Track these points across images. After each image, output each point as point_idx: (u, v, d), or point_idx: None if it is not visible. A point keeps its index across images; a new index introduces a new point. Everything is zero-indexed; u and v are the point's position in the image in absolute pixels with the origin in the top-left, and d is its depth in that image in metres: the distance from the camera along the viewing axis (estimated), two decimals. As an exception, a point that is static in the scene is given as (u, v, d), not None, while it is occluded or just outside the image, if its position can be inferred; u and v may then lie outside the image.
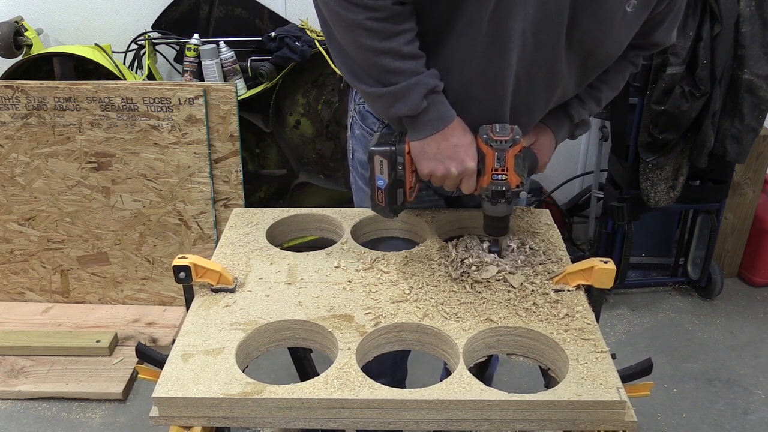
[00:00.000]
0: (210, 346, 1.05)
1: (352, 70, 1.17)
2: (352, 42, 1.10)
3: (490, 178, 1.16)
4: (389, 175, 1.20)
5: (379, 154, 1.19)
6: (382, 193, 1.22)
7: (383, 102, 1.14)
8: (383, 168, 1.20)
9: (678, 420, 2.15)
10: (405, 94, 1.11)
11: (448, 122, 1.15)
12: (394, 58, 1.09)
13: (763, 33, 2.13)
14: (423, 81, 1.11)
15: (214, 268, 1.17)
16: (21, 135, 2.34)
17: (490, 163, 1.16)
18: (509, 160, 1.15)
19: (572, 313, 1.13)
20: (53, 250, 2.50)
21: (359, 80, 1.16)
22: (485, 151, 1.16)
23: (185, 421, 0.98)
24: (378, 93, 1.13)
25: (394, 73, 1.10)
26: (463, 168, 1.17)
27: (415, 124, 1.16)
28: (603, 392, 0.96)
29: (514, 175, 1.16)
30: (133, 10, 2.65)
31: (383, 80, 1.12)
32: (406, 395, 0.96)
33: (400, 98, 1.12)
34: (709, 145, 2.25)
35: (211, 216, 2.42)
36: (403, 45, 1.09)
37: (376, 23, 1.05)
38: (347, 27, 1.08)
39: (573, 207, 3.10)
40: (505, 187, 1.16)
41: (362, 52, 1.10)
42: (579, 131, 1.37)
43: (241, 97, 2.44)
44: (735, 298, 2.80)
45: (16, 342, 2.32)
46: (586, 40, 1.15)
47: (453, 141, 1.16)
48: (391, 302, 1.16)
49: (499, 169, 1.15)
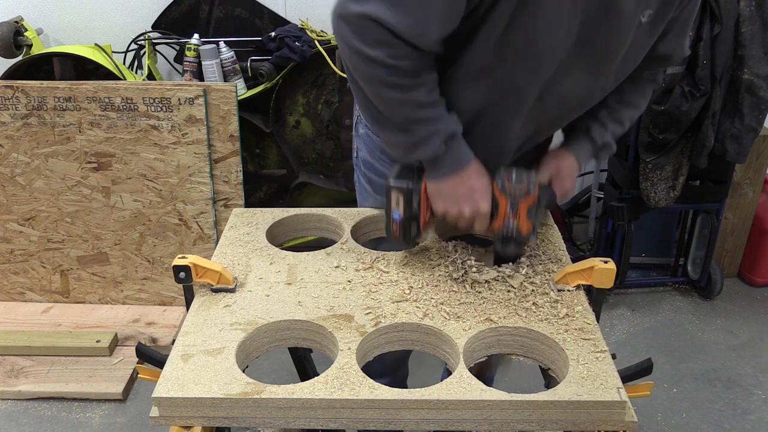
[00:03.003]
0: (210, 346, 1.05)
1: (375, 117, 1.20)
2: (373, 94, 1.13)
3: (502, 222, 1.19)
4: (405, 211, 1.22)
5: (396, 189, 1.21)
6: (397, 225, 1.24)
7: (403, 148, 1.17)
8: (399, 203, 1.22)
9: (678, 420, 2.15)
10: (425, 140, 1.13)
11: (465, 165, 1.17)
12: (414, 108, 1.11)
13: (763, 33, 2.13)
14: (443, 128, 1.13)
15: (214, 268, 1.17)
16: (21, 135, 2.34)
17: (503, 210, 1.18)
18: (522, 209, 1.17)
19: (572, 313, 1.13)
20: (53, 250, 2.50)
21: (382, 127, 1.20)
22: (498, 198, 1.18)
23: (185, 421, 0.98)
24: (400, 141, 1.17)
25: (416, 121, 1.13)
26: (477, 210, 1.19)
27: (432, 166, 1.18)
28: (603, 392, 0.96)
29: (526, 222, 1.17)
30: (133, 10, 2.65)
31: (405, 128, 1.14)
32: (406, 395, 0.96)
33: (420, 145, 1.14)
34: (709, 145, 2.25)
35: (211, 216, 2.42)
36: (423, 96, 1.11)
37: (396, 78, 1.07)
38: (368, 80, 1.11)
39: (573, 207, 3.10)
40: (516, 233, 1.18)
41: (384, 102, 1.13)
42: (603, 153, 1.35)
43: (241, 97, 2.44)
44: (735, 298, 2.80)
45: (16, 342, 2.32)
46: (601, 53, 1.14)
47: (469, 184, 1.18)
48: (391, 302, 1.16)
49: (512, 216, 1.17)
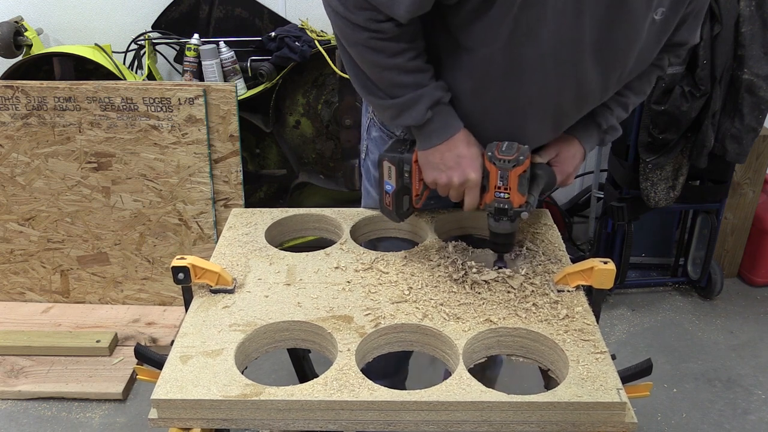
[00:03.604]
0: (209, 348, 1.05)
1: (362, 82, 1.21)
2: (359, 57, 1.15)
3: (493, 195, 1.18)
4: (397, 182, 1.24)
5: (387, 159, 1.23)
6: (390, 197, 1.26)
7: (390, 113, 1.19)
8: (391, 174, 1.23)
9: (678, 420, 2.15)
10: (410, 105, 1.15)
11: (453, 133, 1.18)
12: (398, 72, 1.13)
13: (763, 33, 2.13)
14: (428, 93, 1.15)
15: (213, 268, 1.17)
16: (21, 135, 2.34)
17: (494, 181, 1.17)
18: (512, 180, 1.16)
19: (572, 314, 1.13)
20: (53, 250, 2.50)
21: (370, 92, 1.21)
22: (489, 169, 1.17)
23: (184, 422, 0.98)
24: (385, 104, 1.18)
25: (400, 86, 1.15)
26: (465, 179, 1.19)
27: (421, 134, 1.19)
28: (603, 393, 0.96)
29: (517, 194, 1.17)
30: (133, 10, 2.65)
31: (390, 92, 1.17)
32: (406, 397, 0.96)
33: (405, 109, 1.16)
34: (709, 145, 2.25)
35: (211, 216, 2.42)
36: (408, 61, 1.13)
37: (380, 42, 1.10)
38: (354, 45, 1.13)
39: (573, 207, 3.10)
40: (508, 205, 1.17)
41: (369, 66, 1.15)
42: (609, 137, 1.34)
43: (241, 97, 2.43)
44: (735, 298, 2.79)
45: (16, 342, 2.32)
46: (614, 53, 1.13)
47: (457, 152, 1.18)
48: (391, 303, 1.16)
49: (502, 188, 1.16)
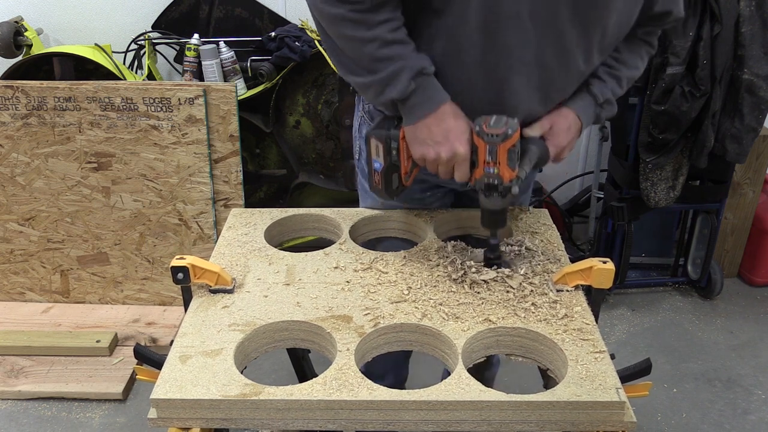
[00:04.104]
0: (208, 348, 1.05)
1: (344, 64, 1.19)
2: (338, 34, 1.13)
3: (483, 170, 1.14)
4: (385, 159, 1.21)
5: (375, 137, 1.21)
6: (379, 175, 1.23)
7: (374, 90, 1.15)
8: (379, 151, 1.21)
9: (678, 420, 2.15)
10: (393, 78, 1.12)
11: (438, 104, 1.14)
12: (379, 45, 1.11)
13: (763, 33, 2.13)
14: (410, 64, 1.12)
15: (212, 268, 1.17)
16: (21, 135, 2.34)
17: (482, 156, 1.13)
18: (501, 154, 1.12)
19: (571, 314, 1.13)
20: (53, 250, 2.50)
21: (351, 72, 1.18)
22: (477, 144, 1.14)
23: (184, 422, 0.98)
24: (368, 82, 1.15)
25: (381, 60, 1.12)
26: (453, 153, 1.15)
27: (406, 108, 1.16)
28: (602, 393, 0.96)
29: (506, 169, 1.13)
30: (133, 10, 2.65)
31: (372, 68, 1.13)
32: (405, 396, 0.96)
33: (389, 83, 1.13)
34: (709, 145, 2.25)
35: (211, 216, 2.42)
36: (387, 32, 1.10)
37: (358, 14, 1.08)
38: (332, 21, 1.11)
39: (573, 207, 3.10)
40: (497, 180, 1.14)
41: (349, 43, 1.13)
42: (605, 112, 1.30)
43: (241, 97, 2.44)
44: (735, 298, 2.79)
45: (16, 342, 2.32)
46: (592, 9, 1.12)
47: (444, 125, 1.15)
48: (390, 303, 1.16)
49: (492, 163, 1.13)
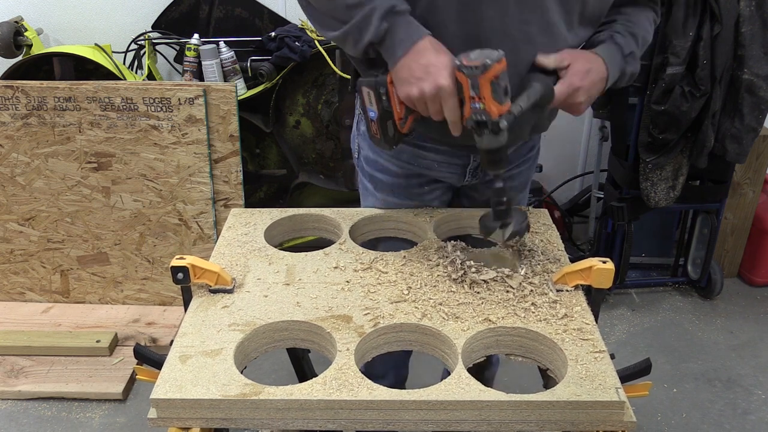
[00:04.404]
0: (208, 347, 1.05)
1: (322, 21, 1.19)
2: None
3: (470, 107, 1.08)
4: (378, 107, 1.18)
5: (365, 85, 1.19)
6: (375, 125, 1.20)
7: (352, 39, 1.15)
8: (371, 99, 1.19)
9: (678, 420, 2.15)
10: (366, 21, 1.12)
11: (416, 40, 1.12)
12: None
13: (763, 33, 2.13)
14: (379, 4, 1.11)
15: (212, 268, 1.17)
16: (21, 135, 2.34)
17: (467, 92, 1.07)
18: (484, 88, 1.05)
19: (571, 313, 1.13)
20: (53, 250, 2.50)
21: (330, 28, 1.18)
22: (461, 80, 1.07)
23: (183, 422, 0.98)
24: (345, 32, 1.15)
25: (352, 6, 1.12)
26: (436, 86, 1.09)
27: (385, 51, 1.15)
28: (602, 392, 0.96)
29: (492, 103, 1.06)
30: (133, 10, 2.65)
31: (345, 18, 1.14)
32: (405, 396, 0.96)
33: (363, 27, 1.12)
34: (709, 145, 2.25)
35: (211, 216, 2.42)
36: None
37: None
38: None
39: (573, 207, 3.10)
40: (485, 116, 1.07)
41: None
42: (629, 67, 1.25)
43: (241, 97, 2.44)
44: (735, 298, 2.80)
45: (16, 342, 2.32)
46: None
47: (423, 61, 1.11)
48: (390, 302, 1.16)
49: (477, 98, 1.08)
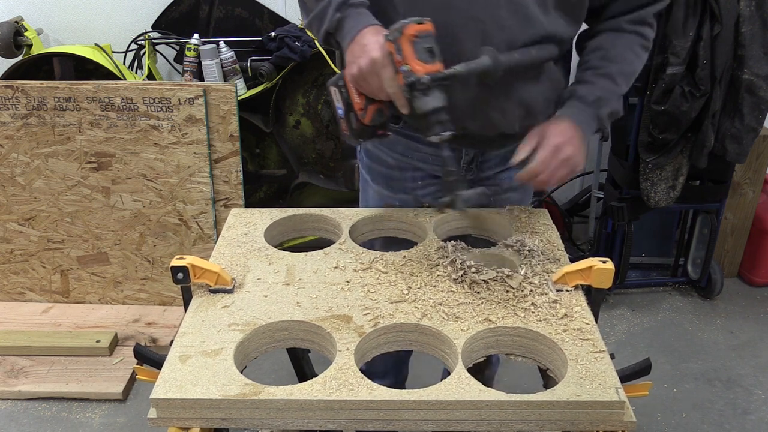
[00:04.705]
0: (208, 347, 1.05)
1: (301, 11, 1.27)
2: None
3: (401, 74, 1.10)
4: (343, 103, 1.23)
5: (330, 84, 1.25)
6: (344, 121, 1.25)
7: (315, 27, 1.22)
8: (337, 96, 1.24)
9: (678, 420, 2.15)
10: (323, 11, 1.18)
11: (361, 28, 1.15)
12: None
13: (763, 33, 2.13)
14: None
15: (212, 268, 1.17)
16: (21, 135, 2.34)
17: (395, 57, 1.10)
18: (405, 47, 1.08)
19: (571, 313, 1.13)
20: (53, 250, 2.50)
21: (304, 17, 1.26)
22: (390, 49, 1.10)
23: (183, 422, 0.98)
24: (310, 19, 1.22)
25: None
26: (370, 59, 1.11)
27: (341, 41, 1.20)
28: (602, 392, 0.96)
29: (416, 62, 1.08)
30: (133, 10, 2.65)
31: (310, 7, 1.22)
32: (405, 396, 0.96)
33: (322, 17, 1.19)
34: (709, 145, 2.25)
35: (211, 216, 2.42)
36: None
37: None
38: None
39: (573, 207, 3.10)
40: (413, 77, 1.08)
41: None
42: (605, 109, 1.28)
43: (241, 97, 2.44)
44: (735, 298, 2.80)
45: (16, 342, 2.32)
46: None
47: (362, 42, 1.14)
48: (390, 302, 1.16)
49: (401, 61, 1.09)
